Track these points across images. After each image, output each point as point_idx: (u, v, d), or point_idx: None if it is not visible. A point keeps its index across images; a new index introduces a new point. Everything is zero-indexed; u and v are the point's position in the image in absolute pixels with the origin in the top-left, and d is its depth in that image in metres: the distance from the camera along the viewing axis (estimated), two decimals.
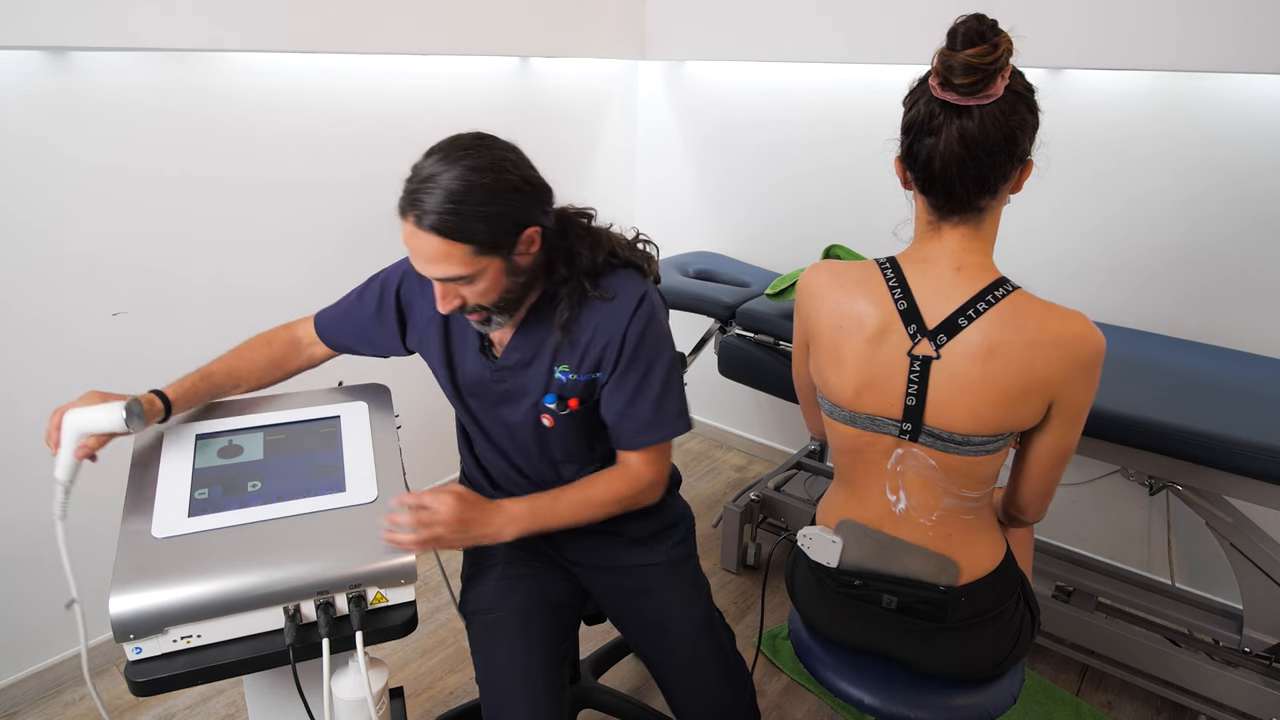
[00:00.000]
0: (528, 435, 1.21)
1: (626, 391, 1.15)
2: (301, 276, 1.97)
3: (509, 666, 1.15)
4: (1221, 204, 1.77)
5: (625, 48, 2.51)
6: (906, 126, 0.98)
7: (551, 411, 1.17)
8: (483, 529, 1.07)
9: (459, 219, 0.98)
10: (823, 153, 2.36)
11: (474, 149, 1.02)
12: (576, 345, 1.14)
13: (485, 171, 1.00)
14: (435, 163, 1.01)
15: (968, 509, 1.07)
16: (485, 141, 1.04)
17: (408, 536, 0.98)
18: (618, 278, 1.15)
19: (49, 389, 1.60)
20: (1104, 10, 1.72)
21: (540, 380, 1.17)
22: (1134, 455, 1.47)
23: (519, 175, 1.03)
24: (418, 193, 1.00)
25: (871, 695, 1.13)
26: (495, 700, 1.14)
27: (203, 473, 1.03)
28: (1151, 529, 2.02)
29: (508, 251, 1.03)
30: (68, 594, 0.97)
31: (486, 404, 1.23)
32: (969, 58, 0.88)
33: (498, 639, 1.18)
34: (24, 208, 1.50)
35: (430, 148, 1.04)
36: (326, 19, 1.75)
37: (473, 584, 1.27)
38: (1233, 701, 1.56)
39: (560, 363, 1.16)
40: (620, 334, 1.13)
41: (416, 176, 1.01)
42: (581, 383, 1.16)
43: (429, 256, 1.01)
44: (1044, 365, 0.95)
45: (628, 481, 1.19)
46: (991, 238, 1.01)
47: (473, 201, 0.98)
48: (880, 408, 1.04)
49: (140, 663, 0.89)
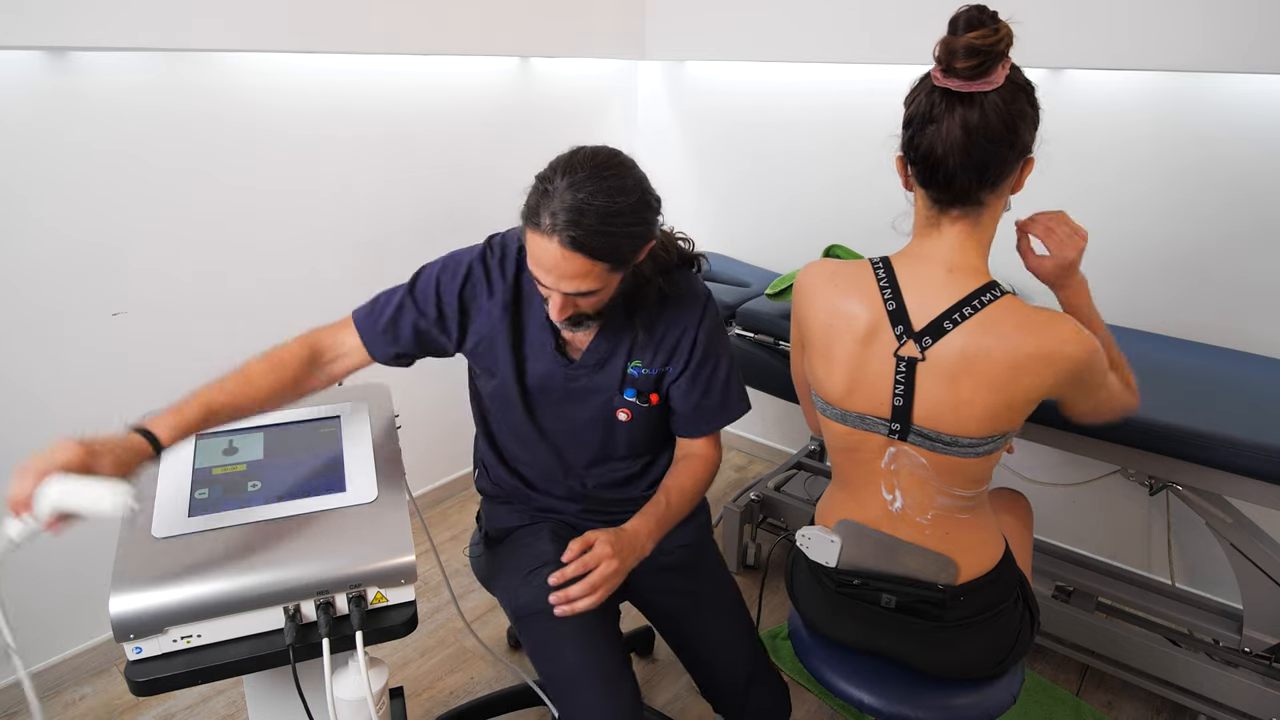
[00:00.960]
0: (595, 432, 1.26)
1: (701, 383, 1.23)
2: (302, 276, 1.97)
3: (584, 662, 1.15)
4: (1221, 204, 1.77)
5: (625, 48, 2.51)
6: (908, 120, 0.98)
7: (631, 405, 1.24)
8: (636, 554, 1.12)
9: (607, 240, 1.00)
10: (823, 153, 2.36)
11: (615, 169, 1.04)
12: (651, 341, 1.21)
13: (629, 193, 1.03)
14: (582, 181, 1.00)
15: (963, 507, 1.07)
16: (622, 159, 1.06)
17: (593, 599, 1.04)
18: (681, 275, 1.23)
19: (49, 389, 1.60)
20: (1104, 10, 1.72)
21: (614, 377, 1.22)
22: (1134, 455, 1.47)
23: (651, 195, 1.08)
24: (570, 214, 0.99)
25: (871, 695, 1.13)
26: (577, 697, 1.14)
27: (203, 473, 1.03)
28: (1151, 529, 2.02)
29: (630, 265, 1.08)
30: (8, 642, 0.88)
31: (551, 403, 1.26)
32: (971, 40, 0.89)
33: (565, 638, 1.17)
34: (24, 207, 1.50)
35: (563, 162, 1.03)
36: (327, 19, 1.75)
37: (527, 585, 1.23)
38: (1233, 701, 1.56)
39: (634, 358, 1.22)
40: (695, 329, 1.21)
41: (557, 193, 1.00)
42: (653, 376, 1.23)
43: (568, 274, 1.02)
44: (1031, 381, 0.96)
45: (706, 464, 1.27)
46: (988, 238, 1.01)
47: (620, 224, 1.01)
48: (870, 407, 1.04)
49: (140, 663, 0.89)
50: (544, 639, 1.19)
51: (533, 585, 1.22)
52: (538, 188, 1.03)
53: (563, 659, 1.16)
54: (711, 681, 1.30)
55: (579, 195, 0.99)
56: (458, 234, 2.27)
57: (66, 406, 1.63)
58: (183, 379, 1.77)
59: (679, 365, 1.23)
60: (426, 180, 2.17)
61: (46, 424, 1.61)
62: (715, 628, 1.30)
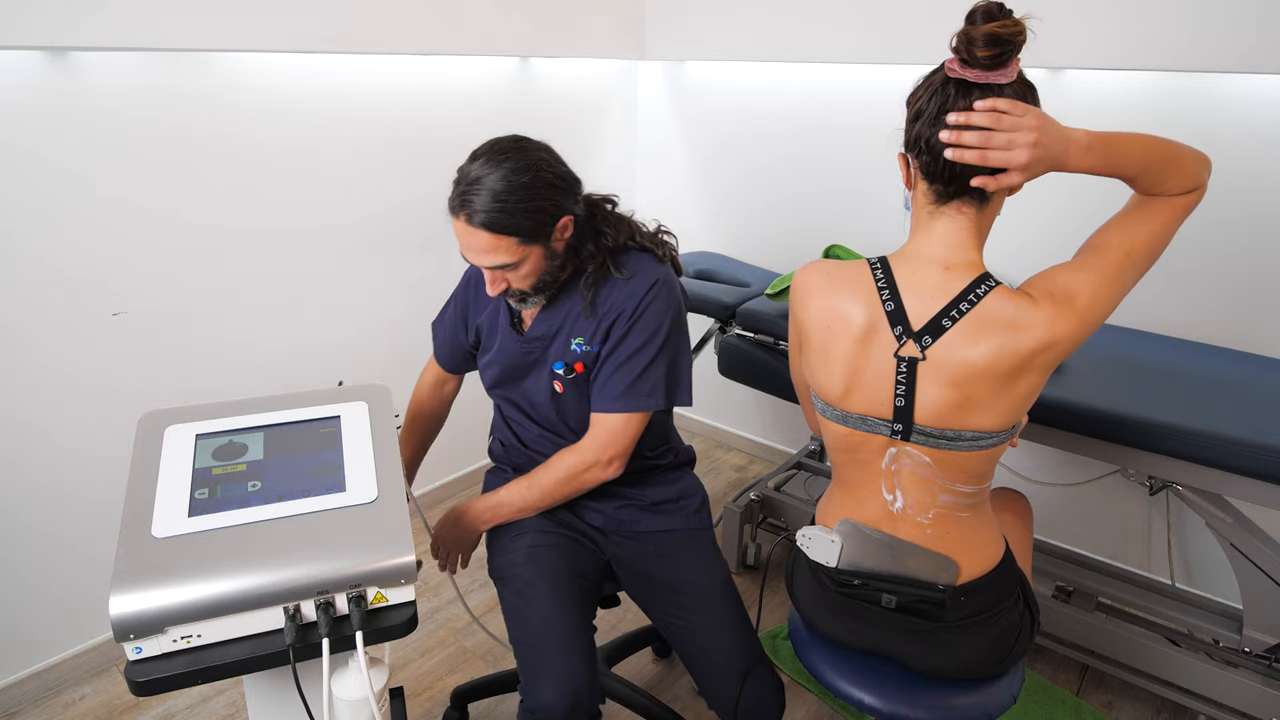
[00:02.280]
0: (546, 403, 1.34)
1: (620, 357, 1.26)
2: (302, 275, 1.97)
3: (546, 623, 1.20)
4: (1221, 204, 1.77)
5: (625, 48, 2.51)
6: (916, 113, 0.98)
7: (560, 377, 1.29)
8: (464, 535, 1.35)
9: (504, 215, 1.13)
10: (823, 153, 2.36)
11: (512, 152, 1.16)
12: (594, 318, 1.27)
13: (524, 172, 1.15)
14: (480, 166, 1.15)
15: (964, 505, 1.07)
16: (522, 144, 1.18)
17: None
18: (637, 260, 1.28)
19: (49, 389, 1.60)
20: (1104, 10, 1.72)
21: (560, 352, 1.30)
22: (1134, 455, 1.47)
23: (553, 173, 1.18)
24: (467, 194, 1.14)
25: (871, 695, 1.13)
26: (533, 656, 1.18)
27: (203, 473, 1.03)
28: (1151, 529, 2.02)
29: (546, 239, 1.18)
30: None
31: (515, 374, 1.35)
32: (994, 29, 0.89)
33: (532, 601, 1.23)
34: (24, 207, 1.50)
35: (473, 152, 1.18)
36: (326, 19, 1.75)
37: (504, 551, 1.33)
38: (1233, 701, 1.56)
39: (576, 335, 1.28)
40: (631, 308, 1.25)
41: (465, 179, 1.16)
42: (592, 353, 1.28)
43: (479, 249, 1.16)
44: (1033, 377, 0.97)
45: (577, 454, 1.29)
46: (984, 232, 1.01)
47: (514, 199, 1.13)
48: (870, 408, 1.04)
49: (140, 663, 0.89)
50: (512, 602, 1.26)
51: (506, 553, 1.31)
52: (455, 178, 1.17)
53: (527, 622, 1.21)
54: (707, 676, 1.30)
55: (475, 176, 1.14)
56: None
57: (66, 406, 1.63)
58: (183, 379, 1.79)
59: (612, 341, 1.27)
60: (426, 180, 2.17)
61: (46, 424, 1.61)
62: (709, 621, 1.30)
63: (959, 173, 0.95)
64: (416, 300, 2.22)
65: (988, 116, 0.91)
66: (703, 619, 1.29)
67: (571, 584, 1.27)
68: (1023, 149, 0.90)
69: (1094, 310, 0.94)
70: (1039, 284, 0.97)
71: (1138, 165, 0.95)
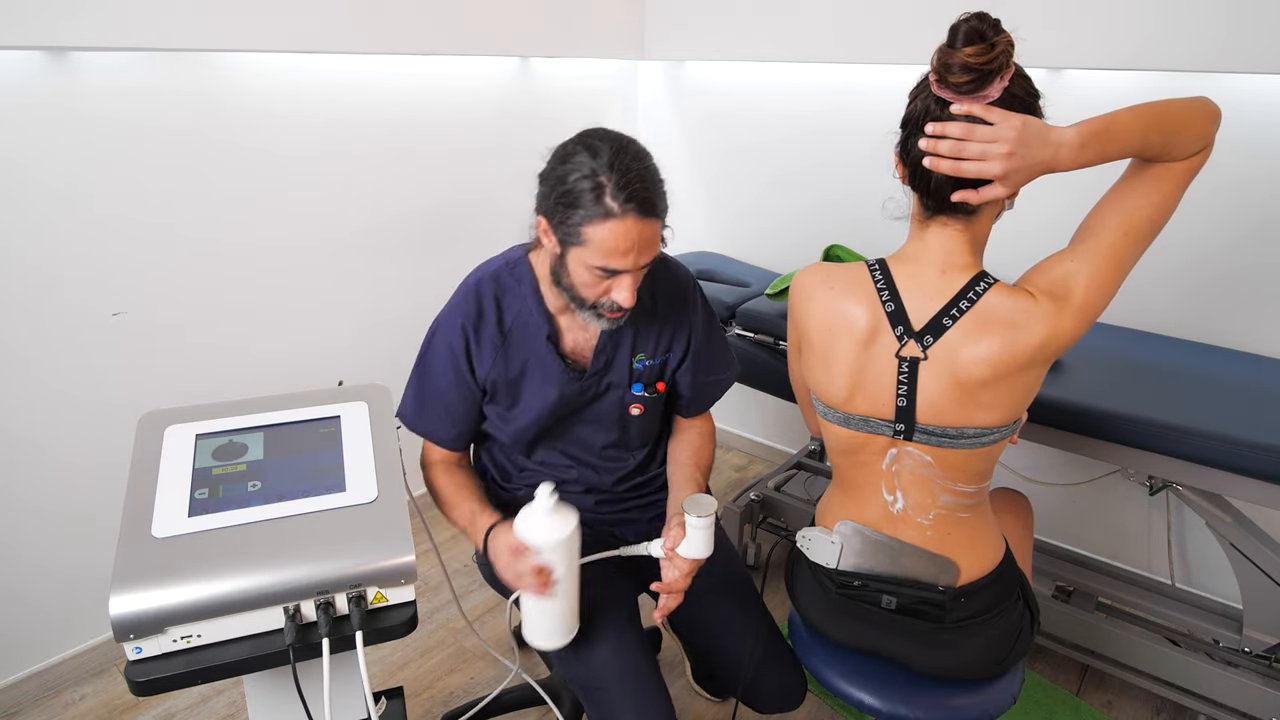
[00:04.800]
0: (610, 430, 1.28)
1: (703, 362, 1.29)
2: (301, 275, 1.97)
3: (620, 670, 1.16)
4: (1221, 204, 1.77)
5: (625, 48, 2.51)
6: (905, 120, 0.98)
7: (641, 399, 1.25)
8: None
9: (663, 196, 1.05)
10: (823, 153, 2.36)
11: (627, 138, 1.05)
12: (652, 330, 1.24)
13: (650, 155, 1.06)
14: (619, 154, 1.01)
15: (964, 505, 1.07)
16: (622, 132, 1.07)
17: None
18: (668, 262, 1.26)
19: (49, 389, 1.60)
20: (1104, 10, 1.72)
21: (623, 374, 1.25)
22: (1134, 455, 1.47)
23: None
24: (632, 184, 0.99)
25: (871, 695, 1.13)
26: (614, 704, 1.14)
27: (203, 473, 1.03)
28: (1151, 529, 2.02)
29: None
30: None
31: (569, 414, 1.27)
32: (966, 57, 0.88)
33: (594, 645, 1.18)
34: (24, 207, 1.50)
35: (588, 150, 1.02)
36: (326, 19, 1.75)
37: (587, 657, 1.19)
38: (1233, 701, 1.56)
39: (637, 352, 1.24)
40: (692, 313, 1.26)
41: (616, 174, 0.99)
42: (657, 366, 1.26)
43: (649, 241, 1.04)
44: (1034, 373, 0.98)
45: (709, 436, 1.36)
46: (983, 236, 1.01)
47: (661, 181, 1.06)
48: (872, 409, 1.04)
49: (140, 663, 0.89)
50: (573, 643, 1.18)
51: (590, 660, 1.19)
52: (581, 184, 1.00)
53: (591, 663, 1.17)
54: (724, 662, 1.29)
55: (632, 165, 1.00)
56: (457, 234, 2.28)
57: (66, 406, 1.63)
58: (182, 379, 1.79)
59: (680, 350, 1.26)
60: (426, 180, 2.17)
61: (46, 424, 1.61)
62: (727, 606, 1.30)
63: (935, 188, 0.96)
64: (417, 300, 2.22)
65: (961, 127, 0.89)
66: (721, 604, 1.30)
67: (628, 618, 1.22)
68: (996, 160, 0.88)
69: (1094, 302, 0.94)
70: (1036, 279, 0.97)
71: (1137, 145, 0.93)
